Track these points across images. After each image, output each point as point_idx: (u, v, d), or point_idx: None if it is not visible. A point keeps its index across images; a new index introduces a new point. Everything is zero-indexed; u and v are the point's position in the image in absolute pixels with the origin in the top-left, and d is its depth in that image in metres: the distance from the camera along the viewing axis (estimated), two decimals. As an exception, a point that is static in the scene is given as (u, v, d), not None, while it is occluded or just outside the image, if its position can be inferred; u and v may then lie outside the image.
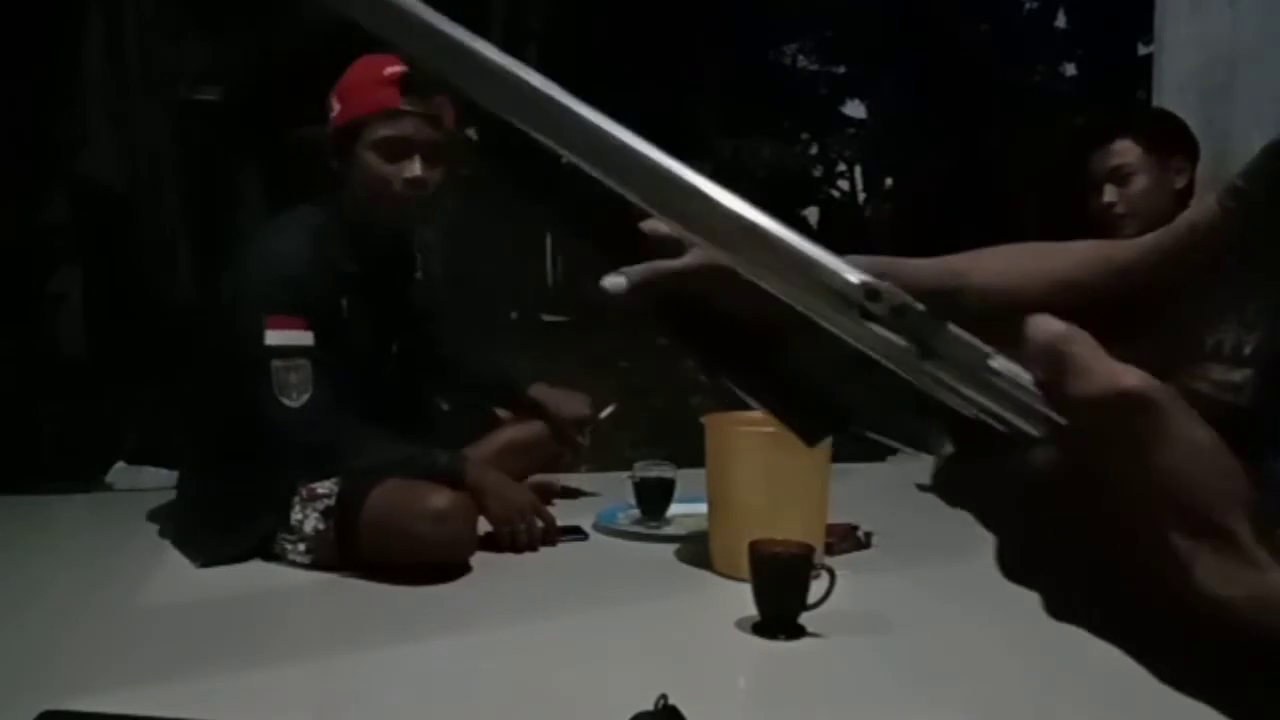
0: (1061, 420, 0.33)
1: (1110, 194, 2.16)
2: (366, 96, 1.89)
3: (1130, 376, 0.32)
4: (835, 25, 11.60)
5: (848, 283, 0.35)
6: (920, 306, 0.35)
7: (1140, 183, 2.15)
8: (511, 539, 1.91)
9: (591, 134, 0.35)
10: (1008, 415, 0.34)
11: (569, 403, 2.26)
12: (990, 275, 0.62)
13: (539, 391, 2.25)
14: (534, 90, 0.34)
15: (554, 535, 1.97)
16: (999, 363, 0.34)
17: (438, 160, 1.91)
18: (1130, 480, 0.32)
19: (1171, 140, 2.20)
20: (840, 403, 0.52)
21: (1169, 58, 3.01)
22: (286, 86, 2.78)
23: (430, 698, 1.31)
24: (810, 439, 0.54)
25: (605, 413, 2.33)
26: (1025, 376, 0.34)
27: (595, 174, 0.35)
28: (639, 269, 0.57)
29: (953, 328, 0.35)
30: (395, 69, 1.88)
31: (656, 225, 0.59)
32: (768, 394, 0.55)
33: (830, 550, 1.78)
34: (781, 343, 0.51)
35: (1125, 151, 2.16)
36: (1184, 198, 2.15)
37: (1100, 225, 2.17)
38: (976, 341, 0.34)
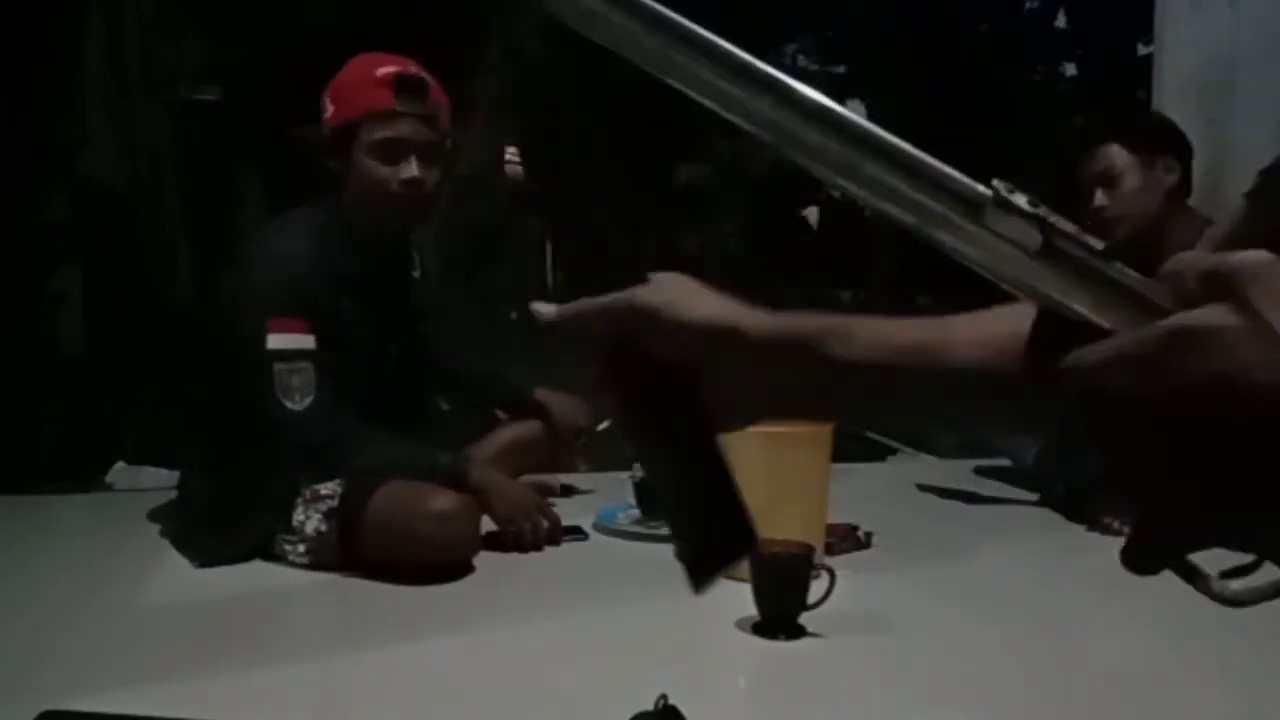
0: (1173, 309, 0.35)
1: (1100, 198, 2.16)
2: (361, 98, 1.88)
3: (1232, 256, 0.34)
4: (835, 25, 11.58)
5: (976, 188, 0.40)
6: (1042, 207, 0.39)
7: (1129, 185, 2.14)
8: (516, 539, 1.91)
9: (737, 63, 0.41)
10: (1114, 318, 0.38)
11: (570, 409, 2.26)
12: (969, 351, 0.56)
13: (542, 395, 2.27)
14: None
15: (559, 534, 1.97)
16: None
17: (434, 160, 1.91)
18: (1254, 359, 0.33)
19: (1158, 140, 2.19)
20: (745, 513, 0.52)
21: (1169, 58, 3.00)
22: (286, 86, 2.78)
23: (430, 698, 1.31)
24: (701, 575, 0.53)
25: (601, 426, 2.35)
26: (1137, 275, 0.37)
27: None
28: (571, 304, 0.57)
29: (1071, 225, 0.39)
30: (389, 69, 1.87)
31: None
32: (677, 485, 0.55)
33: (830, 550, 1.78)
34: (699, 393, 0.53)
35: (1111, 155, 2.15)
36: (1176, 196, 2.15)
37: (1094, 229, 2.17)
38: (1093, 239, 0.39)
